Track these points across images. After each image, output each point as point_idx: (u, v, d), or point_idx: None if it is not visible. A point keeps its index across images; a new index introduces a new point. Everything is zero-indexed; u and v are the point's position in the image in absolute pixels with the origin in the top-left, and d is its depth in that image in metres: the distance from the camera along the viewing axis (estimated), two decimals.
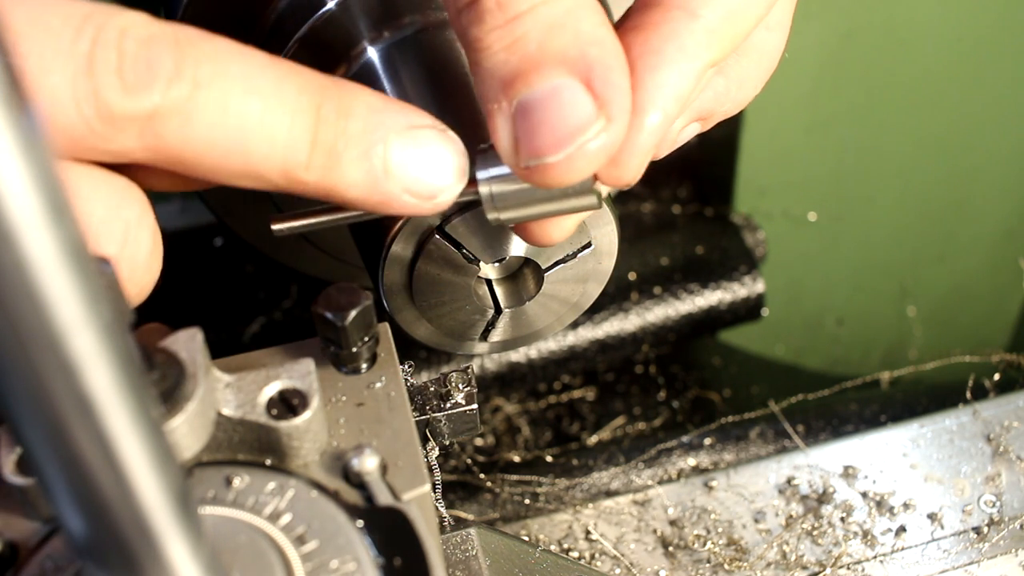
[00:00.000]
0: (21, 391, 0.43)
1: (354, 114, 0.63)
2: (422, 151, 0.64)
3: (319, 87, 0.63)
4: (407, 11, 0.82)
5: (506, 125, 0.63)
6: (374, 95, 0.65)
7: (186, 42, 0.60)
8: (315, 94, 0.62)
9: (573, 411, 1.20)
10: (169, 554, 0.50)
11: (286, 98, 0.61)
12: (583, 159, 0.62)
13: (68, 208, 0.40)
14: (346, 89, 0.64)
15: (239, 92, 0.60)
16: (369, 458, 0.63)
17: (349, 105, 0.63)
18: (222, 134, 0.60)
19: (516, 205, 0.68)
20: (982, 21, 1.26)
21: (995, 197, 1.45)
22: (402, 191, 0.64)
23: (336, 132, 0.62)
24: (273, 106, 0.61)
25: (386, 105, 0.64)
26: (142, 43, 0.58)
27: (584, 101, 0.61)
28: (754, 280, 1.21)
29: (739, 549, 0.95)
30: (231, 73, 0.60)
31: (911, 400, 1.09)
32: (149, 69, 0.58)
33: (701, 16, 0.65)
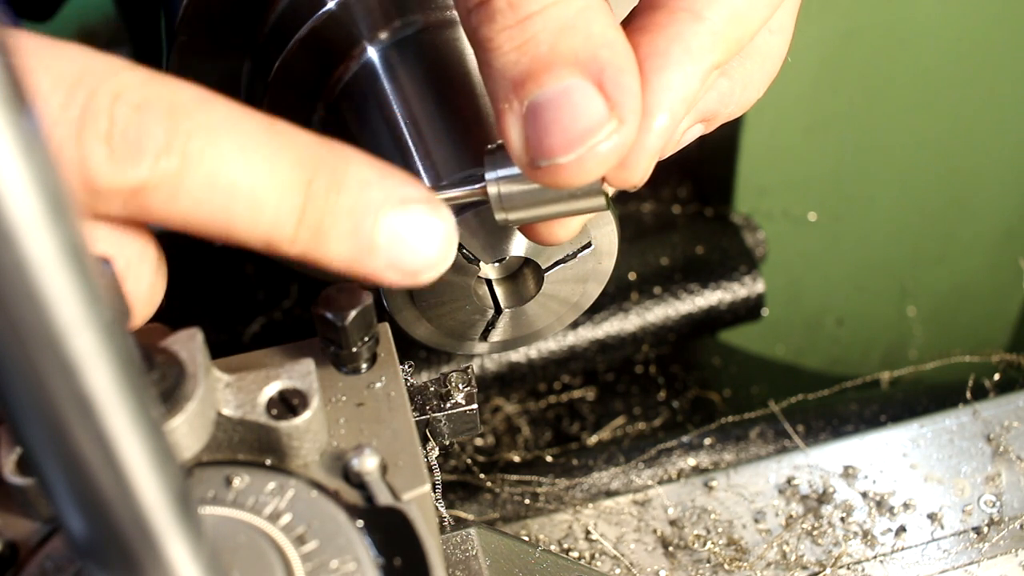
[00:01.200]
0: (21, 391, 0.43)
1: (345, 188, 0.61)
2: (411, 228, 0.62)
3: (313, 159, 0.60)
4: (407, 11, 0.82)
5: (516, 125, 0.63)
6: (369, 165, 0.62)
7: (180, 111, 0.58)
8: (308, 168, 0.60)
9: (573, 411, 1.20)
10: (169, 554, 0.50)
11: (278, 173, 0.59)
12: (594, 160, 0.62)
13: (68, 208, 0.40)
14: (340, 159, 0.61)
15: (229, 167, 0.58)
16: (369, 458, 0.63)
17: (341, 179, 0.61)
18: (207, 207, 0.59)
19: (524, 206, 0.68)
20: (982, 21, 1.26)
21: (995, 197, 1.45)
22: (387, 267, 0.62)
23: (325, 209, 0.60)
24: (263, 182, 0.59)
25: (379, 178, 0.62)
26: (135, 110, 0.57)
27: (596, 102, 0.61)
28: (754, 280, 1.21)
29: (739, 549, 0.95)
30: (223, 147, 0.58)
31: (911, 400, 1.09)
32: (139, 140, 0.57)
33: (706, 18, 0.65)
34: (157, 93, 0.58)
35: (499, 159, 0.68)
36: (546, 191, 0.67)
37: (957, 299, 1.56)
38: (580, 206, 0.68)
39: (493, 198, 0.68)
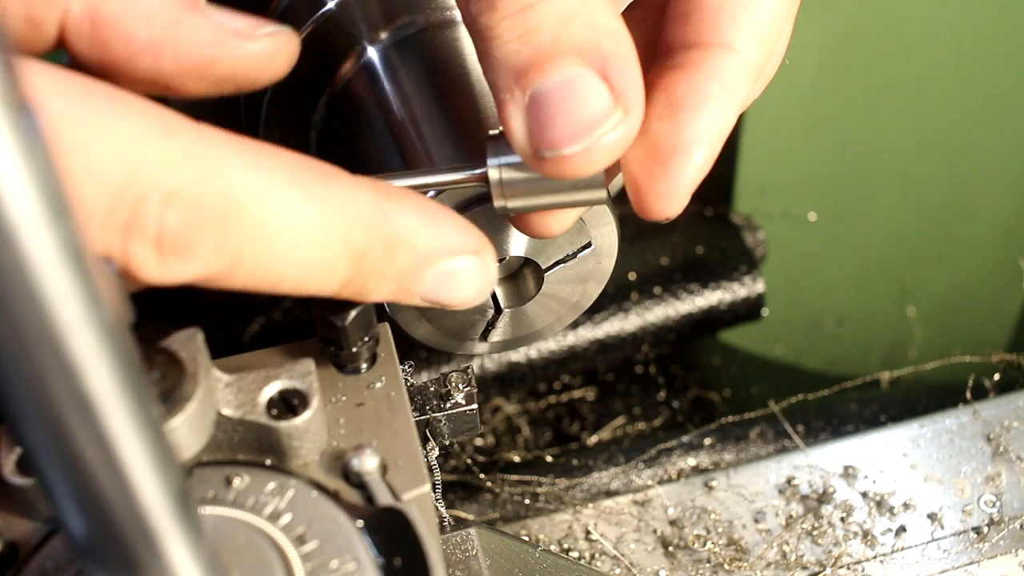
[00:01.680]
0: (21, 391, 0.43)
1: (399, 254, 0.61)
2: (454, 276, 0.63)
3: (367, 230, 0.60)
4: (408, 11, 0.82)
5: (519, 115, 0.62)
6: (416, 212, 0.62)
7: (234, 212, 0.56)
8: (362, 241, 0.60)
9: (573, 411, 1.20)
10: (169, 554, 0.50)
11: (328, 258, 0.59)
12: (600, 151, 0.62)
13: (68, 208, 0.40)
14: (395, 223, 0.61)
15: (279, 261, 0.58)
16: (369, 458, 0.63)
17: (395, 245, 0.61)
18: (252, 286, 0.59)
19: (524, 194, 0.68)
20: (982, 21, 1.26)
21: (995, 197, 1.45)
22: (422, 301, 0.64)
23: (375, 272, 0.61)
24: (312, 268, 0.59)
25: (435, 237, 0.62)
26: (187, 211, 0.54)
27: (601, 92, 0.61)
28: (754, 280, 1.21)
29: (739, 549, 0.95)
30: (275, 249, 0.57)
31: (911, 400, 1.09)
32: (189, 246, 0.55)
33: (739, 50, 0.66)
34: (211, 191, 0.55)
35: (501, 146, 0.67)
36: (547, 181, 0.67)
37: (957, 299, 1.56)
38: (581, 197, 0.68)
39: (494, 184, 0.68)
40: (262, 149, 0.58)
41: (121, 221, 0.54)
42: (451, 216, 0.65)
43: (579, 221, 0.79)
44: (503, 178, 0.67)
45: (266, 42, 0.64)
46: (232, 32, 0.62)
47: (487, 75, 0.64)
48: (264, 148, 0.58)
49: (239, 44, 0.63)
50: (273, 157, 0.58)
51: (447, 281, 0.63)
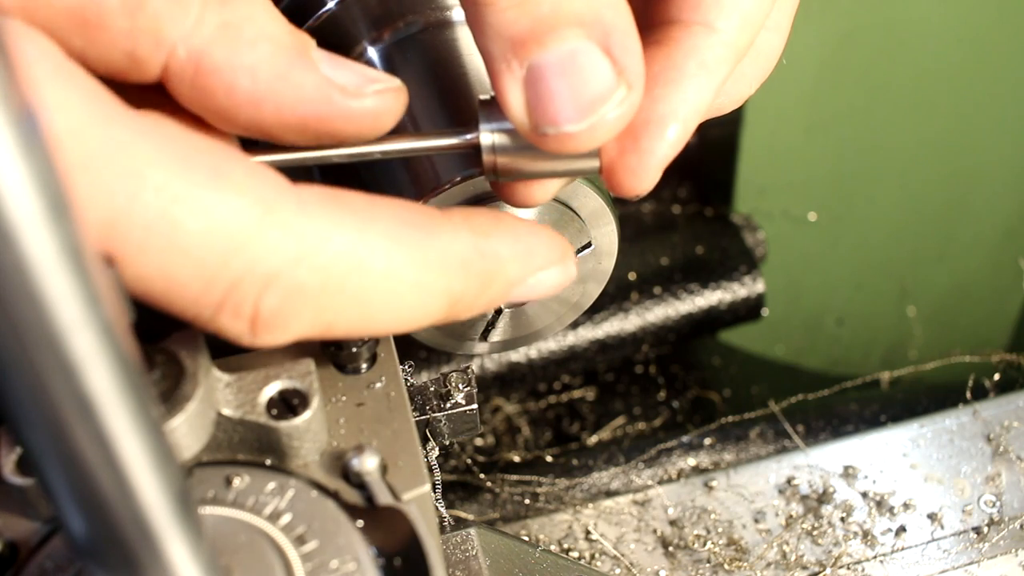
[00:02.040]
0: (21, 391, 0.43)
1: (492, 287, 0.60)
2: (537, 288, 0.63)
3: (465, 277, 0.59)
4: (408, 11, 0.82)
5: (516, 89, 0.60)
6: (516, 248, 0.61)
7: (336, 290, 0.55)
8: (460, 287, 0.59)
9: (573, 411, 1.20)
10: (169, 554, 0.50)
11: (426, 306, 0.58)
12: (604, 128, 0.60)
13: (68, 208, 0.40)
14: (489, 261, 0.60)
15: (375, 320, 0.57)
16: (369, 458, 0.63)
17: (490, 280, 0.60)
18: (343, 338, 0.59)
19: (517, 162, 0.66)
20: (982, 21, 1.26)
21: (995, 197, 1.45)
22: (502, 306, 0.65)
23: (469, 307, 0.60)
24: (410, 319, 0.58)
25: (526, 263, 0.61)
26: (287, 293, 0.53)
27: (604, 67, 0.59)
28: (754, 280, 1.21)
29: (739, 549, 0.95)
30: (373, 312, 0.56)
31: (911, 400, 1.09)
32: (286, 323, 0.54)
33: (719, 29, 0.65)
34: (311, 271, 0.54)
35: (493, 111, 0.65)
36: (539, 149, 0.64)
37: (957, 299, 1.56)
38: (574, 167, 0.66)
39: (486, 150, 0.65)
40: (361, 209, 0.56)
41: (215, 299, 0.53)
42: (541, 233, 0.63)
43: (579, 221, 0.79)
44: (495, 145, 0.65)
45: (373, 100, 0.60)
46: (340, 89, 0.59)
47: (479, 42, 0.61)
48: (363, 206, 0.56)
49: (345, 103, 0.60)
50: (372, 217, 0.56)
51: (531, 291, 0.63)
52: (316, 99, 0.59)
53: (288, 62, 0.58)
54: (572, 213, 0.78)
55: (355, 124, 0.60)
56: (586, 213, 0.79)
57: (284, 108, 0.58)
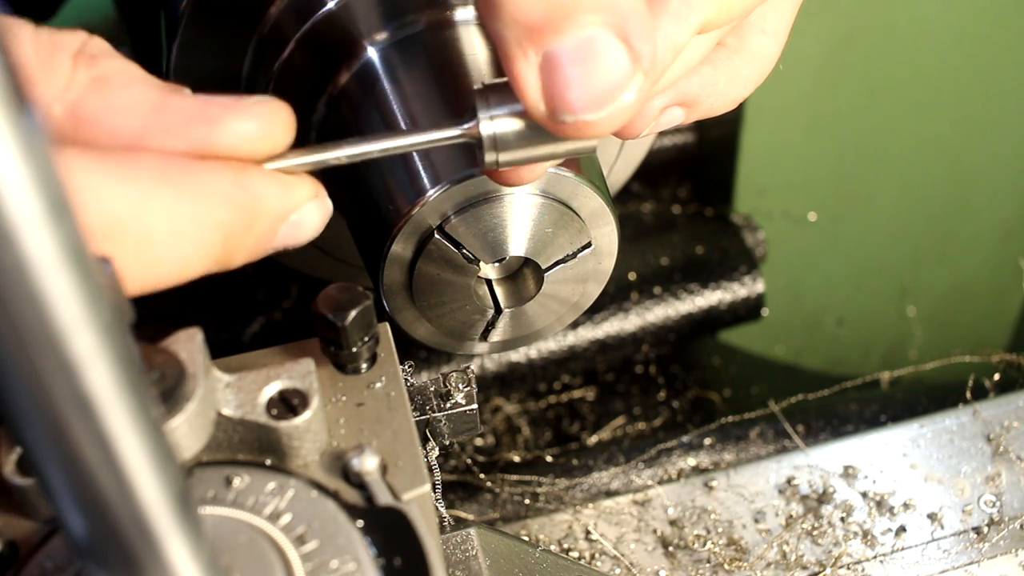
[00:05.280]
0: (21, 391, 0.43)
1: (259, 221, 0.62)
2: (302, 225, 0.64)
3: (232, 208, 0.60)
4: (407, 11, 0.82)
5: (533, 75, 0.60)
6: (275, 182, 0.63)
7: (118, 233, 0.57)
8: (229, 219, 0.60)
9: (573, 411, 1.20)
10: (169, 554, 0.50)
11: (204, 244, 0.60)
12: (619, 115, 0.60)
13: (68, 208, 0.40)
14: (252, 194, 0.62)
15: (162, 262, 0.59)
16: (369, 458, 0.63)
17: (256, 214, 0.62)
18: (136, 291, 0.59)
19: (516, 147, 0.66)
20: (982, 21, 1.26)
21: (995, 197, 1.45)
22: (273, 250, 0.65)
23: (241, 242, 0.61)
24: (191, 258, 0.59)
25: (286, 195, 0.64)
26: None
27: (620, 54, 0.59)
28: (754, 280, 1.21)
29: (739, 549, 0.95)
30: (158, 253, 0.58)
31: (911, 400, 1.09)
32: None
33: None
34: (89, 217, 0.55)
35: (491, 100, 0.65)
36: (540, 133, 0.65)
37: (957, 299, 1.56)
38: (572, 148, 0.66)
39: (486, 139, 0.65)
40: (125, 159, 0.58)
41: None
42: (293, 174, 0.64)
43: (579, 221, 0.79)
44: (497, 134, 0.65)
45: (256, 110, 0.62)
46: (219, 104, 0.61)
47: (491, 26, 0.61)
48: (127, 157, 0.58)
49: (229, 116, 0.61)
50: (137, 164, 0.58)
51: (297, 228, 0.64)
52: (198, 118, 0.60)
53: (163, 94, 0.60)
54: (572, 213, 0.78)
55: (242, 138, 0.61)
56: (586, 213, 0.79)
57: (171, 137, 0.60)
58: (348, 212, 0.85)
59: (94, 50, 0.62)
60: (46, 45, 0.60)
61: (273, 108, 0.62)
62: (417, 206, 0.76)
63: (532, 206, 0.77)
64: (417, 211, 0.76)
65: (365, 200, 0.81)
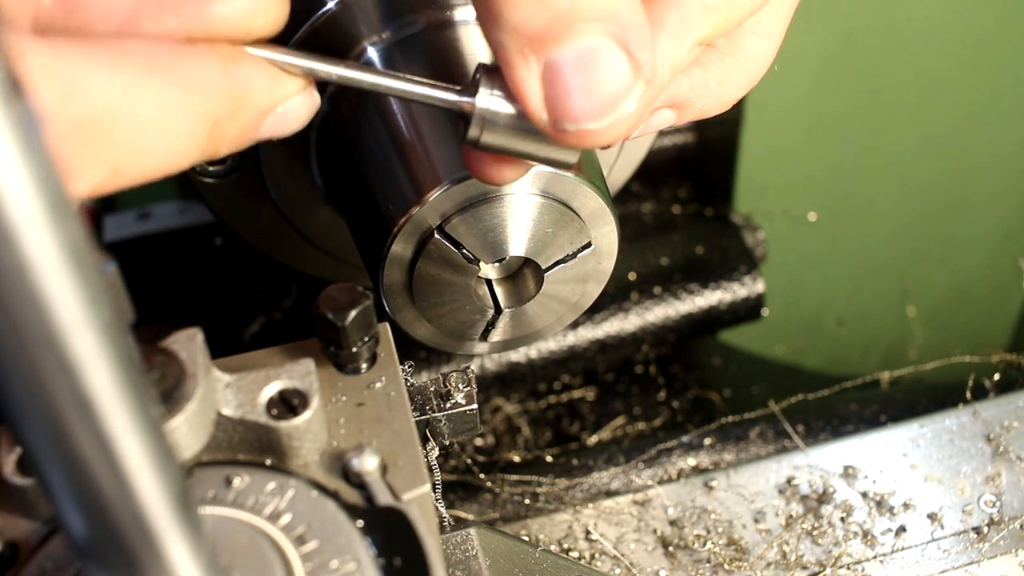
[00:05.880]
0: (21, 391, 0.43)
1: (245, 111, 0.62)
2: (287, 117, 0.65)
3: (220, 98, 0.60)
4: (407, 11, 0.82)
5: (535, 83, 0.60)
6: (264, 74, 0.63)
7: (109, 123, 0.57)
8: (216, 108, 0.60)
9: (573, 411, 1.20)
10: (169, 554, 0.50)
11: (192, 132, 0.60)
12: (622, 124, 0.61)
13: (68, 208, 0.40)
14: (240, 84, 0.61)
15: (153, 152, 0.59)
16: (369, 458, 0.63)
17: (242, 104, 0.62)
18: (131, 183, 0.59)
19: (502, 136, 0.66)
20: (982, 21, 1.26)
21: (995, 197, 1.45)
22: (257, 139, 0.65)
23: (226, 131, 0.61)
24: (180, 147, 0.60)
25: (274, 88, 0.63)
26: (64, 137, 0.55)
27: (622, 64, 0.59)
28: (754, 280, 1.21)
29: (739, 549, 0.95)
30: (149, 143, 0.58)
31: (911, 400, 1.09)
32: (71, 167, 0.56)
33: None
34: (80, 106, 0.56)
35: (497, 82, 0.65)
36: (531, 132, 0.65)
37: (957, 299, 1.56)
38: (553, 156, 0.66)
39: (477, 116, 0.65)
40: (114, 46, 0.57)
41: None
42: (282, 70, 0.64)
43: (579, 221, 0.79)
44: (489, 110, 0.65)
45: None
46: None
47: (491, 35, 0.61)
48: (116, 45, 0.58)
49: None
50: (127, 52, 0.57)
51: (282, 120, 0.64)
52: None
53: None
54: (572, 213, 0.78)
55: (237, 13, 0.61)
56: (586, 213, 0.79)
57: (163, 18, 0.59)
58: (348, 212, 0.85)
59: None
60: None
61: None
62: (417, 206, 0.76)
63: (532, 206, 0.77)
64: (417, 211, 0.76)
65: (365, 200, 0.81)
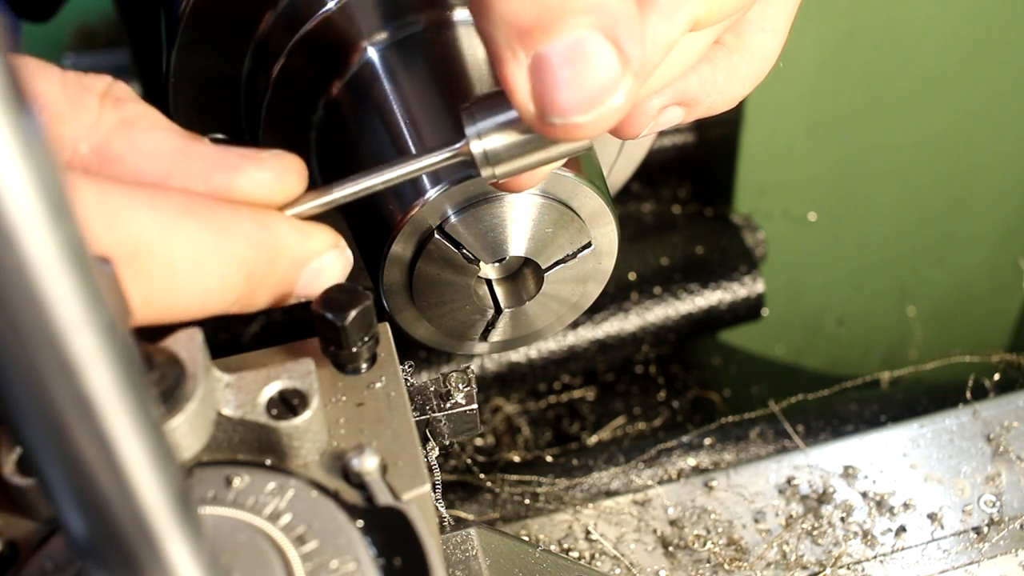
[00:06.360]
0: (21, 391, 0.43)
1: (280, 261, 0.65)
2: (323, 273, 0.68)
3: (255, 246, 0.63)
4: (407, 11, 0.82)
5: (523, 76, 0.60)
6: (294, 227, 0.66)
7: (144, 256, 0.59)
8: (252, 256, 0.63)
9: (573, 411, 1.20)
10: (169, 554, 0.50)
11: (227, 278, 0.62)
12: (608, 117, 0.61)
13: (68, 208, 0.40)
14: (273, 234, 0.65)
15: (185, 291, 0.61)
16: (369, 458, 0.63)
17: (277, 254, 0.65)
18: (159, 320, 0.61)
19: (509, 158, 0.66)
20: (982, 21, 1.26)
21: (995, 197, 1.45)
22: (296, 298, 0.68)
23: (263, 282, 0.64)
24: (214, 291, 0.62)
25: (305, 241, 0.67)
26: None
27: (610, 56, 0.59)
28: (754, 280, 1.21)
29: (739, 549, 0.95)
30: (182, 281, 0.61)
31: (911, 400, 1.09)
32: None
33: None
34: (119, 238, 0.58)
35: (476, 116, 0.66)
36: (531, 141, 0.65)
37: (957, 299, 1.56)
38: (567, 149, 0.67)
39: (478, 157, 0.66)
40: (155, 190, 0.60)
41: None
42: (311, 222, 0.68)
43: (579, 221, 0.79)
44: (487, 150, 0.66)
45: (273, 161, 0.65)
46: (238, 154, 0.64)
47: (482, 28, 0.62)
48: (157, 189, 0.60)
49: (248, 164, 0.64)
50: (166, 196, 0.60)
51: (318, 276, 0.67)
52: (220, 165, 0.63)
53: (185, 142, 0.63)
54: (572, 213, 0.79)
55: (260, 186, 0.64)
56: (586, 213, 0.79)
57: (192, 182, 0.62)
58: (348, 212, 0.85)
59: (120, 93, 0.64)
60: (73, 85, 0.63)
61: (288, 160, 0.66)
62: (417, 206, 0.76)
63: (532, 206, 0.77)
64: (417, 211, 0.76)
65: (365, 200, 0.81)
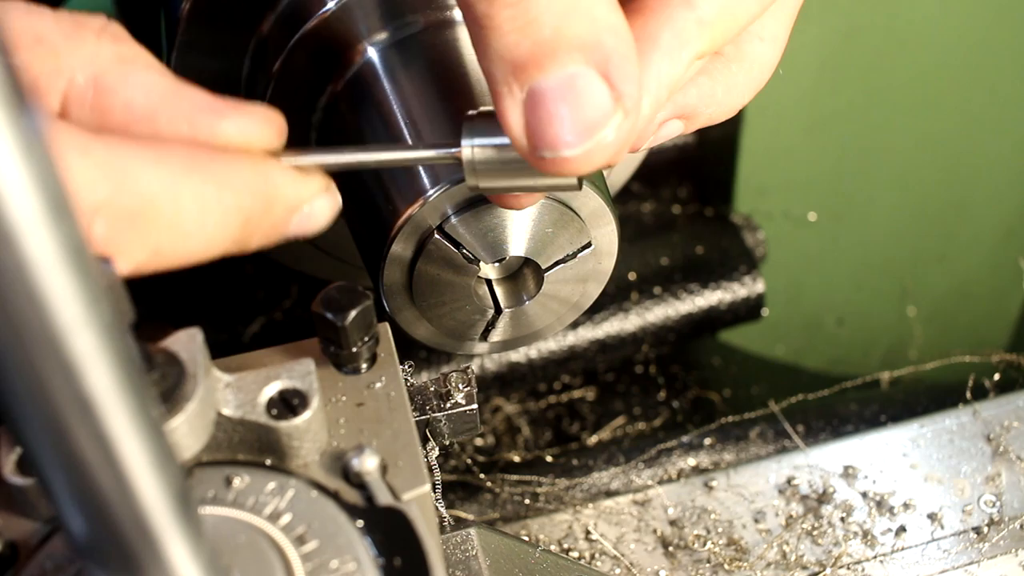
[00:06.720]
0: (21, 391, 0.43)
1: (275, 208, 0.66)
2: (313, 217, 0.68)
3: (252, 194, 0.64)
4: (407, 11, 0.82)
5: (517, 111, 0.62)
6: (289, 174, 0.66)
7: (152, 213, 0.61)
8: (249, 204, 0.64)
9: (573, 411, 1.20)
10: (169, 554, 0.50)
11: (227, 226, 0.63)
12: (599, 153, 0.61)
13: (68, 208, 0.40)
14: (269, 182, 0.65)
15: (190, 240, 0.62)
16: (369, 458, 0.63)
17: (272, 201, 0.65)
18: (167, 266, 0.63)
19: (496, 176, 0.68)
20: (982, 21, 1.26)
21: (995, 197, 1.45)
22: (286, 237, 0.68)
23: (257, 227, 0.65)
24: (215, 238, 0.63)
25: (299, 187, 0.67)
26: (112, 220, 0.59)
27: (602, 92, 0.60)
28: (754, 280, 1.21)
29: (739, 549, 0.95)
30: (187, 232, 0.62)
31: (911, 400, 1.09)
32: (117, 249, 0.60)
33: (697, 6, 0.65)
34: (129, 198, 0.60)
35: (477, 127, 0.67)
36: (520, 169, 0.66)
37: (957, 299, 1.56)
38: (552, 184, 0.68)
39: (467, 164, 0.67)
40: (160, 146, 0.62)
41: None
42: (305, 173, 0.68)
43: (579, 221, 0.79)
44: (476, 160, 0.67)
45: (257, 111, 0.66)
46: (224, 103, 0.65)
47: (482, 63, 0.63)
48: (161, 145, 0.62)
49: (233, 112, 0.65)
50: (171, 151, 0.62)
51: (308, 219, 0.67)
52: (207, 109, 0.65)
53: (176, 83, 0.65)
54: (572, 213, 0.78)
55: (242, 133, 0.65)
56: (586, 213, 0.79)
57: (178, 119, 0.64)
58: (348, 212, 0.85)
59: (116, 31, 0.66)
60: (68, 22, 0.64)
61: (270, 113, 0.67)
62: (417, 206, 0.76)
63: (532, 206, 0.77)
64: (417, 211, 0.76)
65: (365, 200, 0.81)
